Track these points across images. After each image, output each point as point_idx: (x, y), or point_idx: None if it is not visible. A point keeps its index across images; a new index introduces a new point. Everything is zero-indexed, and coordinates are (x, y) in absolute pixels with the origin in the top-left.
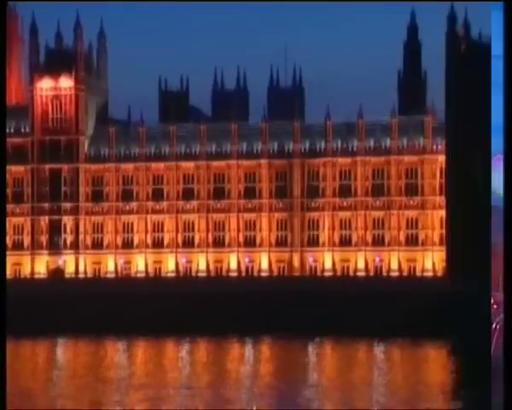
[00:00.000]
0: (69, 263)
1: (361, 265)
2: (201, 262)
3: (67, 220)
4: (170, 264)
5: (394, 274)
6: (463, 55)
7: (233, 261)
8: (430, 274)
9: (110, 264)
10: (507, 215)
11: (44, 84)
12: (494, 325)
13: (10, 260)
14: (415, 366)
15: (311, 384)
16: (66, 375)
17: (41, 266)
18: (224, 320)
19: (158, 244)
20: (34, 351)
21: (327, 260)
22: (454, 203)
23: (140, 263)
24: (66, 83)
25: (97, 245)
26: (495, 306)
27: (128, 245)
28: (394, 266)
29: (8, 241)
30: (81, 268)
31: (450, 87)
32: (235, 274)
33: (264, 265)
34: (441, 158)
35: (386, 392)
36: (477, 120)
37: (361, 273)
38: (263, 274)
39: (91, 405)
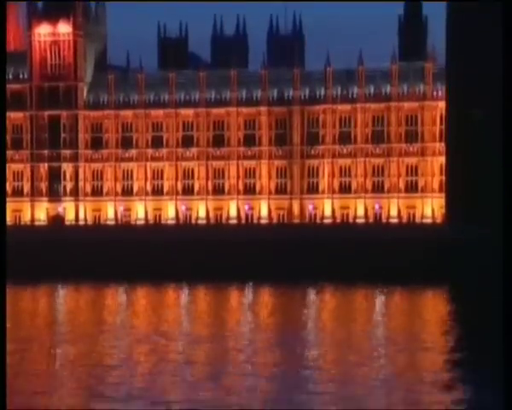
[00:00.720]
0: (69, 210)
1: (360, 212)
2: (201, 209)
3: (67, 167)
4: (170, 211)
5: (394, 221)
6: (464, 0)
7: (233, 209)
8: (429, 221)
9: (110, 211)
10: (506, 210)
11: (42, 30)
12: None
13: (10, 206)
14: (413, 313)
15: (309, 331)
16: (67, 321)
17: (41, 212)
18: (224, 267)
19: (158, 192)
20: (34, 298)
21: (326, 208)
22: (454, 150)
23: (140, 210)
24: (64, 28)
25: (97, 192)
26: None
27: (128, 192)
28: (394, 213)
29: (8, 187)
30: (81, 215)
31: (450, 32)
32: (234, 221)
33: (264, 212)
34: (441, 104)
35: (384, 339)
36: (477, 66)
37: (360, 220)
38: (262, 221)
39: (91, 351)
